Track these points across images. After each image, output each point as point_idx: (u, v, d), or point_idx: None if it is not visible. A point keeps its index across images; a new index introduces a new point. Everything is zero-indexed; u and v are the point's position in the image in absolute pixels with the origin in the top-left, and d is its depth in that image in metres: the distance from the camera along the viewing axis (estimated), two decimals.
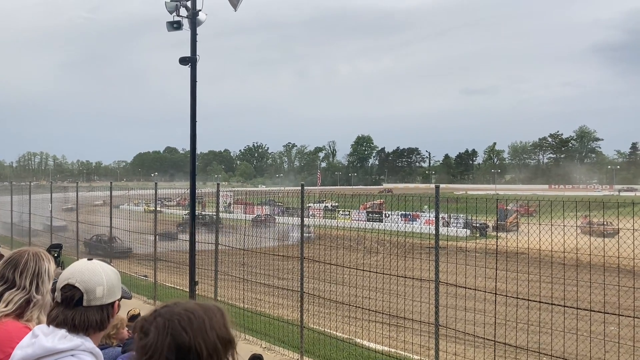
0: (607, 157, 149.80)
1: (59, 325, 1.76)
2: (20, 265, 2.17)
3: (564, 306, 8.50)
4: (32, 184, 25.84)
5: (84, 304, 1.78)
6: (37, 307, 2.11)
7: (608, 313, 7.86)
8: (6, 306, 2.07)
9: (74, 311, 1.77)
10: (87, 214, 20.68)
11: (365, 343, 10.79)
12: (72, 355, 1.69)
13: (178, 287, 14.91)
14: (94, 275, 1.81)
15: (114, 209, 17.42)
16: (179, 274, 15.46)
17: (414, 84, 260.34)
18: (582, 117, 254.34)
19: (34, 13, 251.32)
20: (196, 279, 12.03)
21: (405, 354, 10.53)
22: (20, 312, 2.10)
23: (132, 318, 5.39)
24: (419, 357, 10.42)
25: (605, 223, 10.95)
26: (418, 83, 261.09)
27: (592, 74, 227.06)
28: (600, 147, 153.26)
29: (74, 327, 1.75)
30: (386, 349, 10.61)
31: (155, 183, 16.72)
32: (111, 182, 18.86)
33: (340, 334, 11.42)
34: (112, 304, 1.85)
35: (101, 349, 2.16)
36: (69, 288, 1.79)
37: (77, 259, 2.12)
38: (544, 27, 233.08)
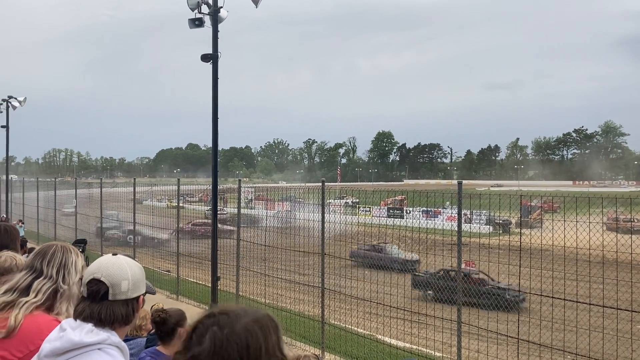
0: (634, 152, 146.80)
1: (85, 319, 1.78)
2: (48, 256, 2.22)
3: (590, 304, 8.37)
4: (57, 180, 26.25)
5: (110, 298, 1.80)
6: (64, 298, 2.14)
7: (636, 311, 7.73)
8: (36, 296, 2.11)
9: (100, 305, 1.79)
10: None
11: (387, 339, 10.76)
12: (99, 349, 1.71)
13: (200, 283, 15.04)
14: (119, 270, 1.83)
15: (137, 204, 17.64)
16: (202, 270, 15.59)
17: (435, 79, 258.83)
18: (608, 111, 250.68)
19: (60, 13, 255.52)
20: (218, 274, 12.12)
21: (427, 350, 10.48)
22: (50, 305, 2.13)
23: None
24: (441, 354, 10.36)
25: (632, 219, 10.75)
26: (439, 78, 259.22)
27: (619, 67, 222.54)
28: (626, 143, 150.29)
29: (100, 321, 1.77)
30: (408, 345, 10.57)
31: (178, 179, 16.88)
32: (134, 179, 19.07)
33: (361, 330, 11.41)
34: (137, 298, 1.87)
35: (129, 340, 2.18)
36: (95, 282, 1.81)
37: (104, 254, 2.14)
38: (569, 19, 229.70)
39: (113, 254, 1.91)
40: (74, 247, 2.35)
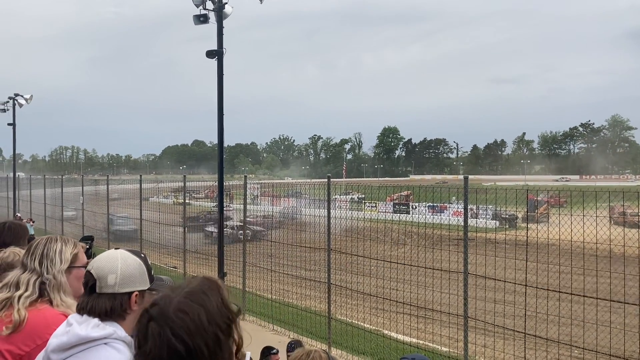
0: None
1: (80, 311, 1.79)
2: (31, 249, 2.26)
3: (597, 298, 8.34)
4: (64, 177, 26.36)
5: (97, 290, 1.80)
6: (53, 287, 2.15)
7: None
8: (26, 290, 2.12)
9: (89, 297, 1.81)
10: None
11: (393, 335, 10.76)
12: (105, 344, 1.72)
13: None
14: (109, 263, 1.82)
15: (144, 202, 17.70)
16: (208, 265, 15.63)
17: (441, 74, 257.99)
18: (615, 105, 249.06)
19: (64, 10, 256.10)
20: (225, 270, 12.16)
21: (434, 345, 10.48)
22: (49, 297, 2.15)
23: None
24: (447, 349, 10.35)
25: (639, 214, 10.69)
26: (445, 73, 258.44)
27: (626, 61, 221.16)
28: (633, 137, 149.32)
29: (89, 313, 1.78)
30: (414, 340, 10.56)
31: (184, 176, 16.93)
32: (141, 175, 19.12)
33: (367, 326, 11.42)
34: (129, 294, 1.82)
35: None
36: (87, 275, 1.84)
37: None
38: (576, 13, 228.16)
39: (115, 248, 1.91)
40: (65, 237, 2.35)
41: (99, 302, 1.79)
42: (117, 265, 1.81)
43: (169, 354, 1.31)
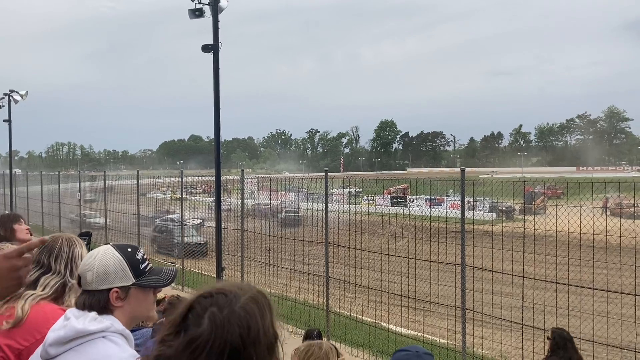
0: (637, 137, 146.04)
1: (76, 305, 1.83)
2: (54, 251, 2.23)
3: (594, 289, 8.38)
4: (60, 173, 26.30)
5: (81, 287, 1.84)
6: (72, 291, 2.16)
7: (639, 295, 7.73)
8: (43, 290, 2.13)
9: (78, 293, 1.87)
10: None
11: (392, 327, 10.81)
12: (103, 337, 1.72)
13: (205, 273, 15.11)
14: (89, 260, 1.84)
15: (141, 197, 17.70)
16: (206, 260, 15.66)
17: (437, 67, 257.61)
18: (611, 97, 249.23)
19: (59, 5, 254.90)
20: (223, 265, 12.17)
21: (432, 337, 10.52)
22: (56, 297, 2.15)
23: (157, 302, 5.49)
24: (445, 341, 10.40)
25: (635, 204, 10.73)
26: (442, 66, 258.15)
27: (623, 52, 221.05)
28: (630, 128, 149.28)
29: (75, 307, 1.82)
30: (413, 332, 10.61)
31: (181, 171, 16.91)
32: (137, 171, 19.10)
33: (366, 318, 11.46)
34: (108, 290, 1.80)
35: (135, 330, 2.19)
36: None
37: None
38: (572, 5, 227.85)
39: (105, 244, 1.92)
40: (78, 238, 2.36)
41: (80, 298, 1.83)
42: (95, 263, 1.81)
43: (221, 348, 1.25)
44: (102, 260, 1.82)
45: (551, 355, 5.70)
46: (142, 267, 1.88)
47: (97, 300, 1.80)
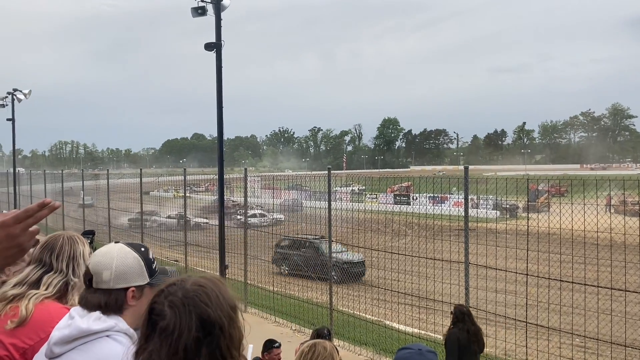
0: None
1: (79, 305, 1.81)
2: (56, 249, 2.22)
3: (598, 286, 8.36)
4: (64, 172, 26.38)
5: (93, 285, 1.81)
6: (75, 289, 2.16)
7: None
8: (47, 289, 2.13)
9: (86, 292, 1.82)
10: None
11: (395, 325, 10.80)
12: (107, 336, 1.73)
13: (209, 271, 15.12)
14: (104, 259, 1.82)
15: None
16: (210, 259, 15.67)
17: (440, 64, 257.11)
18: (616, 94, 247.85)
19: (60, 4, 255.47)
20: (226, 263, 12.18)
21: (436, 336, 10.50)
22: (60, 296, 2.15)
23: None
24: None
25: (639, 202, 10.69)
26: (445, 63, 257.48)
27: (627, 49, 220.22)
28: (634, 125, 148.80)
29: (85, 307, 1.79)
30: (416, 330, 10.61)
31: (184, 169, 16.94)
32: (141, 169, 19.14)
33: (369, 316, 11.45)
34: (125, 289, 1.81)
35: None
36: (86, 270, 1.85)
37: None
38: (576, 1, 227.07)
39: (115, 242, 1.91)
40: (80, 236, 2.36)
41: (94, 297, 1.79)
42: (113, 262, 1.81)
43: (195, 323, 1.32)
44: (121, 259, 1.82)
45: (452, 327, 6.89)
46: (153, 266, 1.90)
47: (115, 299, 1.80)
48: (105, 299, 1.79)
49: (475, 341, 6.76)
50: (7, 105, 24.31)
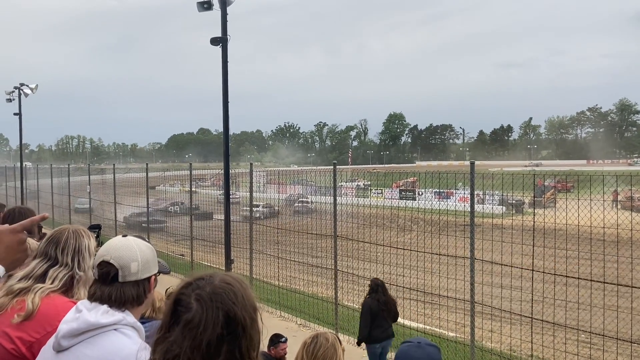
0: None
1: (97, 301, 1.81)
2: (61, 243, 2.23)
3: (604, 282, 8.32)
4: (70, 166, 26.46)
5: (120, 279, 1.82)
6: (81, 283, 2.17)
7: None
8: (52, 283, 2.14)
9: (111, 287, 1.82)
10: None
11: (400, 320, 10.80)
12: (115, 330, 1.74)
13: (214, 266, 15.16)
14: (128, 252, 1.84)
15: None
16: (215, 253, 15.71)
17: (447, 59, 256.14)
18: (623, 89, 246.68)
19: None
20: (232, 258, 12.21)
21: (441, 331, 10.52)
22: (66, 290, 2.16)
23: (168, 296, 5.52)
24: (454, 334, 10.39)
25: None
26: (452, 57, 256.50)
27: (635, 44, 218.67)
28: None
29: (112, 303, 1.79)
30: (421, 326, 10.61)
31: (190, 164, 16.96)
32: (147, 164, 19.18)
33: None
34: (148, 279, 1.88)
35: (145, 322, 2.20)
36: (105, 265, 1.83)
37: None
38: None
39: (123, 235, 1.93)
40: (85, 229, 2.36)
41: (124, 290, 1.82)
42: (137, 253, 1.86)
43: (215, 319, 1.34)
44: (141, 250, 1.88)
45: (368, 297, 8.00)
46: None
47: (142, 290, 1.87)
48: (137, 291, 1.85)
49: (385, 309, 7.82)
50: (14, 99, 24.37)
